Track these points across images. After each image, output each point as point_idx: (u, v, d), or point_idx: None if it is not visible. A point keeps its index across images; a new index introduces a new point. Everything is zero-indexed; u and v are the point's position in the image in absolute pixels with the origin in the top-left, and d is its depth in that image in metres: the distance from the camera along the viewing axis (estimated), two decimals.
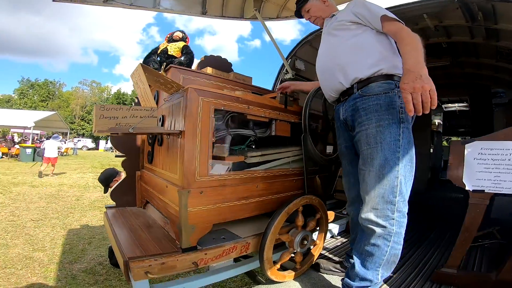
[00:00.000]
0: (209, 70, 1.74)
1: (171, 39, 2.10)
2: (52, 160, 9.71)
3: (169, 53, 1.98)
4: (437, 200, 4.74)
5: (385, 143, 1.32)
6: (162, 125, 1.47)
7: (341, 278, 1.62)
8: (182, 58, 1.97)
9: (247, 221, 1.58)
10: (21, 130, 19.94)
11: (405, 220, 1.34)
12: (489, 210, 2.55)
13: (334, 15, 1.68)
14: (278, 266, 1.56)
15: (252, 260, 1.66)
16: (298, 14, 1.90)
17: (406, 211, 1.35)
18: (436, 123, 8.63)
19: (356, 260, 1.41)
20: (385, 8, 1.49)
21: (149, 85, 1.22)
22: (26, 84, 48.04)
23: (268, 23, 3.29)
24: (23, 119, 18.06)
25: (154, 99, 1.68)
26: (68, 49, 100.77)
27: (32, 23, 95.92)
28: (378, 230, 1.31)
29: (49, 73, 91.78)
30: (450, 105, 8.10)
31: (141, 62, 1.97)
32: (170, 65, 1.56)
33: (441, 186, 5.84)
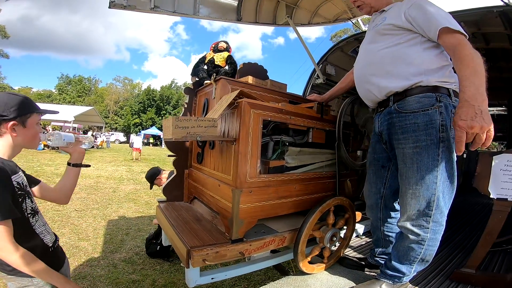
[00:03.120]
0: (250, 79, 1.92)
1: (216, 49, 2.30)
2: (138, 149, 15.25)
3: (215, 63, 2.19)
4: (468, 205, 4.65)
5: (422, 163, 1.30)
6: None
7: (364, 271, 1.76)
8: (227, 67, 2.18)
9: (281, 218, 1.75)
10: (62, 124, 21.40)
11: (441, 228, 1.38)
12: None
13: (384, 10, 1.55)
14: (309, 259, 1.71)
15: (284, 253, 1.82)
16: None
17: (443, 220, 1.37)
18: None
19: (393, 255, 1.53)
20: None
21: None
22: (65, 80, 51.02)
23: (299, 29, 3.43)
24: (63, 113, 19.33)
25: (204, 106, 1.91)
26: (103, 47, 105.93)
27: (70, 21, 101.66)
28: (412, 237, 1.39)
29: (86, 69, 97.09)
30: (489, 108, 7.77)
31: (191, 72, 2.23)
32: (221, 76, 1.76)
33: (472, 192, 5.68)
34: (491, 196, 1.67)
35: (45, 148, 15.72)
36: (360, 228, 2.63)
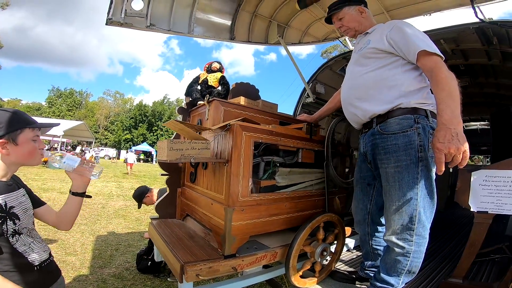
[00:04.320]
0: (242, 100, 2.01)
1: (209, 70, 2.39)
2: (131, 165, 16.51)
3: (209, 83, 2.28)
4: (455, 218, 4.77)
5: (404, 182, 1.39)
6: None
7: (355, 284, 1.81)
8: (220, 88, 2.27)
9: (272, 234, 1.79)
10: (50, 138, 21.07)
11: (425, 241, 1.47)
12: (504, 228, 2.69)
13: (368, 33, 1.62)
14: (300, 273, 1.75)
15: (276, 268, 1.86)
16: (329, 20, 1.79)
17: (426, 234, 1.46)
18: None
19: (381, 267, 1.60)
20: None
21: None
22: (56, 93, 50.44)
23: (290, 48, 3.57)
24: (52, 127, 19.03)
25: (197, 124, 1.98)
26: (96, 59, 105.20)
27: (64, 33, 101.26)
28: (398, 250, 1.47)
29: (77, 82, 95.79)
30: (472, 123, 8.05)
31: (185, 92, 2.30)
32: (214, 98, 1.84)
33: (459, 205, 5.81)
34: (472, 210, 1.76)
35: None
36: (350, 242, 2.69)
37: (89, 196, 1.41)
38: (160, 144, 1.35)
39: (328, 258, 1.96)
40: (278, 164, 1.75)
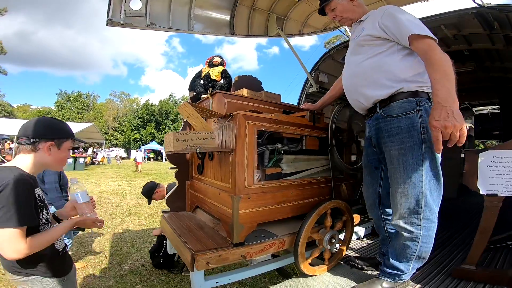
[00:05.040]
0: (244, 91, 2.03)
1: (211, 64, 2.42)
2: (139, 163, 18.05)
3: (211, 77, 2.30)
4: (468, 205, 4.71)
5: (408, 164, 1.40)
6: None
7: (367, 272, 1.82)
8: (222, 81, 2.30)
9: (281, 223, 1.83)
10: None
11: (433, 225, 1.47)
12: None
13: (362, 20, 1.65)
14: (309, 261, 1.78)
15: (285, 257, 1.89)
16: (322, 12, 1.81)
17: (434, 217, 1.46)
18: (467, 127, 8.42)
19: (391, 253, 1.60)
20: None
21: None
22: (64, 96, 51.27)
23: (291, 39, 3.56)
24: None
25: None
26: (100, 62, 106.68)
27: (66, 36, 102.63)
28: (406, 234, 1.48)
29: (84, 85, 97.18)
30: (482, 107, 7.89)
31: (188, 87, 2.34)
32: (217, 91, 1.87)
33: (472, 192, 5.72)
34: (481, 193, 1.73)
35: None
36: (360, 230, 2.70)
37: (83, 229, 1.53)
38: (166, 137, 1.39)
39: (338, 246, 1.98)
40: (282, 152, 1.77)
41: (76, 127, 21.24)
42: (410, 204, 1.43)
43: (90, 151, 25.91)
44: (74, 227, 1.42)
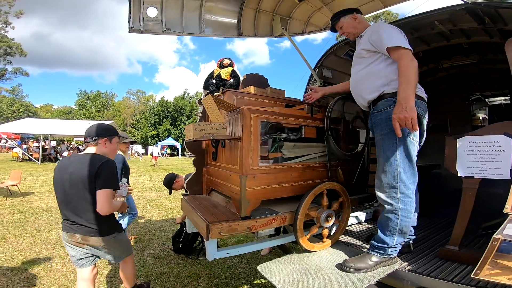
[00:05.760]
0: (252, 89, 2.31)
1: (221, 65, 2.73)
2: (156, 157, 21.24)
3: (222, 77, 2.61)
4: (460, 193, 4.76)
5: (385, 146, 1.76)
6: None
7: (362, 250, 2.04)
8: (232, 80, 2.60)
9: (283, 202, 2.10)
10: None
11: (410, 200, 1.74)
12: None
13: (361, 35, 1.98)
14: (308, 236, 2.03)
15: (287, 235, 2.16)
16: (334, 29, 2.23)
17: (410, 193, 1.74)
18: (481, 118, 8.32)
19: (379, 228, 1.89)
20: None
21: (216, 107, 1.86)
22: (84, 96, 53.05)
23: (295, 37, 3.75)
24: (85, 129, 20.22)
25: None
26: (115, 61, 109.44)
27: (81, 37, 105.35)
28: (387, 206, 1.79)
29: (102, 84, 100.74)
30: (496, 98, 7.80)
31: (202, 86, 2.65)
32: (227, 89, 2.17)
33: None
34: (459, 175, 1.92)
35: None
36: (361, 215, 2.94)
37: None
38: (187, 128, 1.72)
39: (335, 226, 2.19)
40: (283, 139, 2.06)
41: None
42: (389, 180, 1.74)
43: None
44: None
